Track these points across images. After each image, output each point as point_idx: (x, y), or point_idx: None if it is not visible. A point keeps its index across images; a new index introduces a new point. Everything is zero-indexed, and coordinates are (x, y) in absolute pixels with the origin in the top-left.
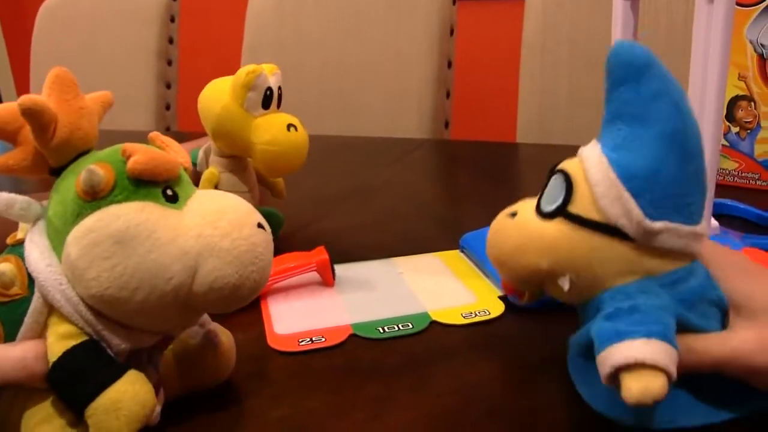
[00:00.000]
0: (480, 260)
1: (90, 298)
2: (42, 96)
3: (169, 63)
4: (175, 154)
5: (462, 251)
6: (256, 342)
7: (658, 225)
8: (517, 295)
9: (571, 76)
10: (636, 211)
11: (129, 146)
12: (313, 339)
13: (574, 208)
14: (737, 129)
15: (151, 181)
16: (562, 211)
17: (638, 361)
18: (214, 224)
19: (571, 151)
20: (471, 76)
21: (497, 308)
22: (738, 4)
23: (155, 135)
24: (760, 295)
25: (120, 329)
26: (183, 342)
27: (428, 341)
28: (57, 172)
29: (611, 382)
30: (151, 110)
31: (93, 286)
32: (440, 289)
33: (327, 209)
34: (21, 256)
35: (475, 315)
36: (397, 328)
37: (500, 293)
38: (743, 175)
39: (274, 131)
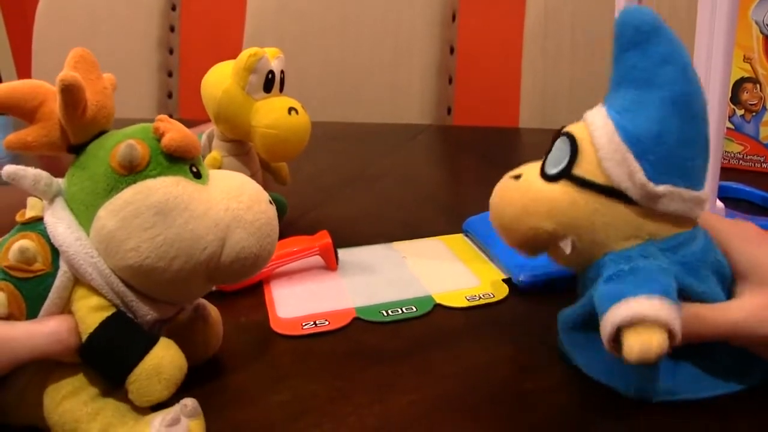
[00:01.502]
0: (484, 243)
1: (126, 270)
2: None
3: (171, 51)
4: None
5: (465, 235)
6: (259, 326)
7: (662, 188)
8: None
9: (573, 62)
10: (639, 174)
11: (161, 124)
12: (317, 323)
13: (579, 171)
14: (742, 111)
15: (181, 158)
16: (566, 174)
17: (639, 316)
18: (238, 198)
19: None
20: (473, 62)
21: (501, 291)
22: None
23: (163, 119)
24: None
25: (147, 301)
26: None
27: (432, 324)
28: (76, 150)
29: (614, 345)
30: (153, 98)
31: (131, 256)
32: (444, 272)
33: (329, 195)
34: (41, 233)
35: (479, 298)
36: (400, 312)
37: (504, 276)
38: (748, 157)
39: (275, 114)
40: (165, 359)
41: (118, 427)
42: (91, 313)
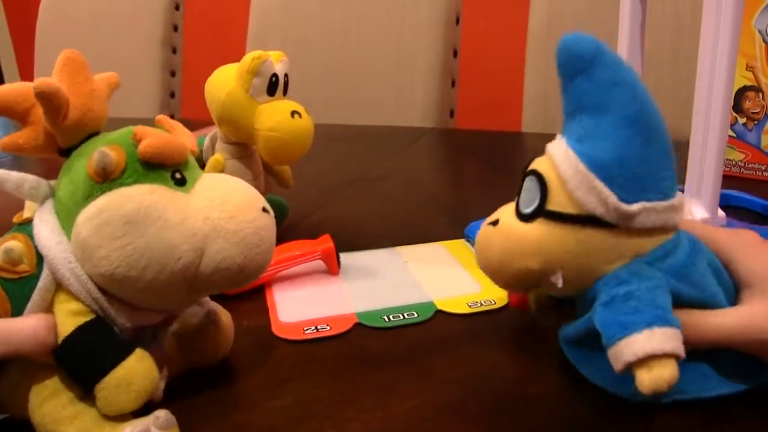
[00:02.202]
0: None
1: (99, 277)
2: (53, 78)
3: (174, 51)
4: (182, 138)
5: (467, 240)
6: (261, 330)
7: (635, 207)
8: (524, 307)
9: None
10: (611, 198)
11: (140, 129)
12: (318, 327)
13: (552, 206)
14: (744, 120)
15: (161, 164)
16: (541, 211)
17: (646, 354)
18: (221, 207)
19: None
20: (476, 65)
21: (503, 298)
22: None
23: (162, 118)
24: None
25: (126, 308)
26: (184, 321)
27: (433, 330)
28: (66, 152)
29: (623, 373)
30: (156, 98)
31: (103, 264)
32: (445, 278)
33: (331, 198)
34: (29, 235)
35: (481, 304)
36: (402, 317)
37: None
38: (750, 166)
39: (277, 117)
40: (136, 370)
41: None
42: (69, 317)
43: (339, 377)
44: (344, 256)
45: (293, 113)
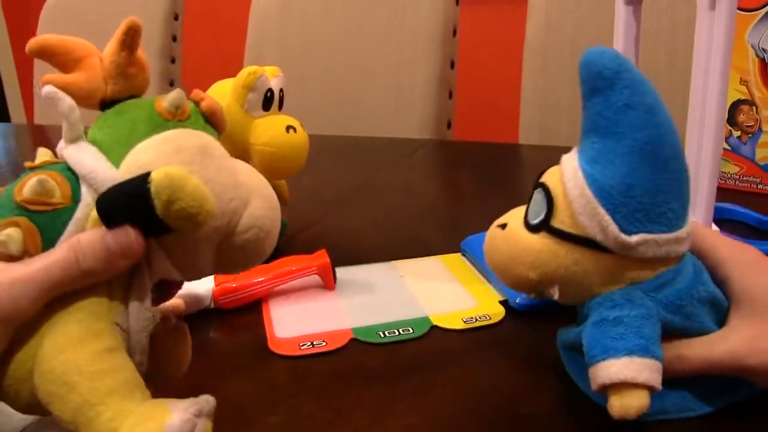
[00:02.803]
0: (481, 264)
1: None
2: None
3: (173, 61)
4: None
5: (463, 254)
6: (256, 345)
7: (635, 238)
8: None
9: (573, 78)
10: (612, 227)
11: (199, 91)
12: (314, 343)
13: (556, 222)
14: (738, 133)
15: (214, 125)
16: (545, 225)
17: (620, 380)
18: (257, 174)
19: None
20: (474, 77)
21: (498, 313)
22: (740, 8)
23: (197, 92)
24: (762, 291)
25: (158, 252)
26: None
27: (429, 346)
28: (108, 105)
29: (599, 393)
30: None
31: None
32: (441, 293)
33: (328, 210)
34: (58, 171)
35: (476, 320)
36: (397, 333)
37: (501, 298)
38: (744, 179)
39: (272, 132)
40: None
41: (126, 399)
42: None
43: (334, 394)
44: (340, 271)
45: (288, 128)
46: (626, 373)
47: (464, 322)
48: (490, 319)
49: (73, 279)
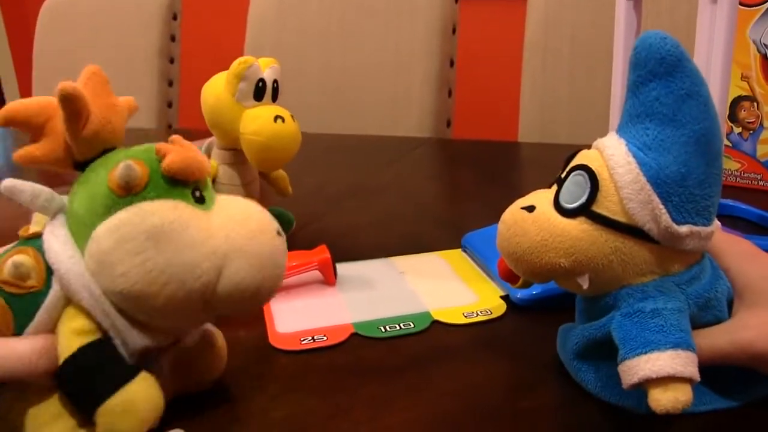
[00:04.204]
0: (482, 260)
1: (116, 294)
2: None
3: (171, 61)
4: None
5: (464, 250)
6: (257, 341)
7: (684, 229)
8: (512, 280)
9: (573, 76)
10: (665, 216)
11: (163, 146)
12: (315, 338)
13: (599, 208)
14: (740, 129)
15: (183, 181)
16: (585, 210)
17: (667, 375)
18: (241, 227)
19: (571, 149)
20: (473, 75)
21: (499, 308)
22: (741, 4)
23: (178, 138)
24: (763, 281)
25: (137, 326)
26: (181, 342)
27: (429, 341)
28: (81, 166)
29: (634, 388)
30: (153, 108)
31: (121, 282)
32: (442, 288)
33: (328, 208)
34: (38, 249)
35: (477, 315)
36: (398, 328)
37: (502, 293)
38: (745, 175)
39: (260, 121)
40: (140, 395)
41: None
42: (73, 336)
43: (335, 388)
44: (341, 267)
45: (276, 118)
46: (674, 367)
47: (465, 316)
48: (491, 313)
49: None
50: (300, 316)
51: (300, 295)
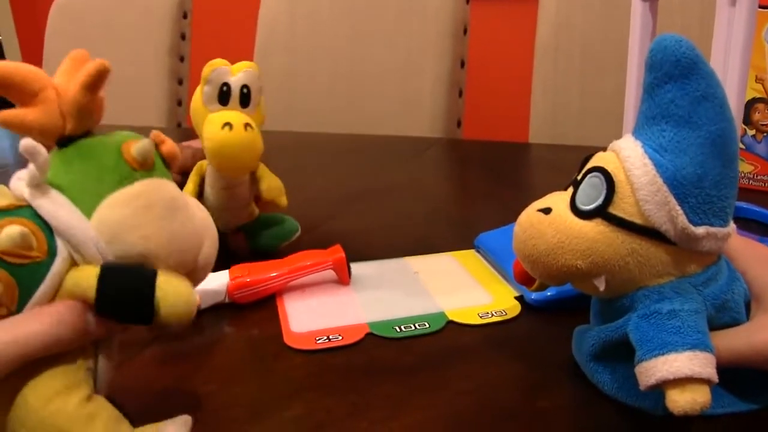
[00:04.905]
0: (496, 260)
1: (133, 256)
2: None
3: (182, 59)
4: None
5: (477, 251)
6: (272, 339)
7: (701, 230)
8: (527, 283)
9: (584, 77)
10: (681, 217)
11: (157, 133)
12: (330, 337)
13: (615, 210)
14: (753, 132)
15: (170, 167)
16: (601, 212)
17: (685, 376)
18: (204, 210)
19: (584, 152)
20: (484, 76)
21: (513, 309)
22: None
23: (157, 134)
24: None
25: None
26: None
27: (445, 341)
28: (64, 144)
29: (651, 389)
30: (163, 106)
31: (140, 243)
32: (456, 288)
33: (338, 209)
34: (30, 219)
35: (492, 315)
36: (413, 328)
37: (516, 294)
38: (759, 178)
39: (210, 127)
40: (171, 280)
41: None
42: (86, 272)
43: (351, 388)
44: (354, 266)
45: (225, 125)
46: (691, 368)
47: (480, 317)
48: (506, 314)
49: (49, 351)
50: (315, 316)
51: (314, 294)
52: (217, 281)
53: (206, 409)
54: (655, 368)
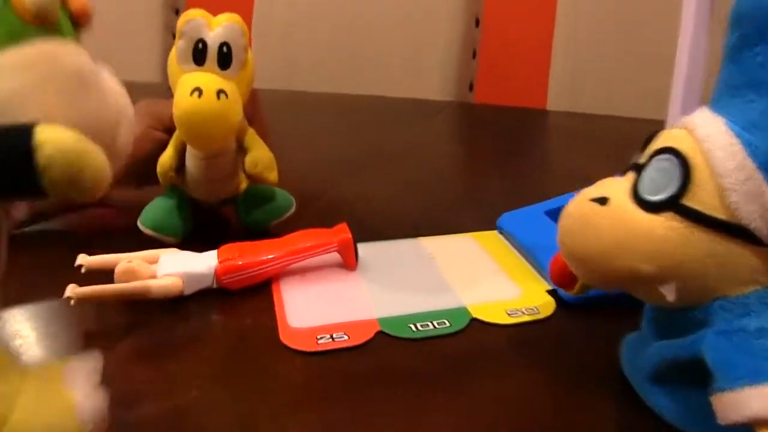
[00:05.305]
0: (524, 247)
1: None
2: None
3: (176, 12)
4: None
5: (500, 232)
6: (266, 334)
7: None
8: (567, 286)
9: (608, 41)
10: None
11: None
12: (334, 336)
13: (692, 201)
14: None
15: (80, 26)
16: (673, 203)
17: None
18: (123, 93)
19: (607, 121)
20: (500, 36)
21: (547, 306)
22: None
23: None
24: None
25: None
26: None
27: (468, 342)
28: None
29: (735, 426)
30: (157, 59)
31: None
32: (479, 278)
33: (343, 176)
34: None
35: (522, 313)
36: (432, 326)
37: (549, 287)
38: None
39: (180, 91)
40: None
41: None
42: None
43: (358, 398)
44: (362, 248)
45: (194, 90)
46: None
47: (508, 314)
48: (539, 312)
49: None
50: (316, 307)
51: (316, 281)
52: (204, 263)
53: (193, 418)
54: (745, 402)
